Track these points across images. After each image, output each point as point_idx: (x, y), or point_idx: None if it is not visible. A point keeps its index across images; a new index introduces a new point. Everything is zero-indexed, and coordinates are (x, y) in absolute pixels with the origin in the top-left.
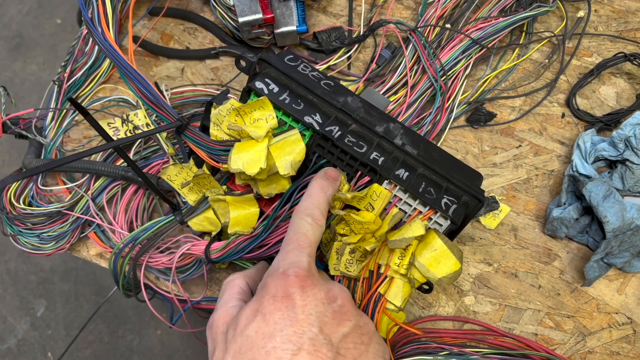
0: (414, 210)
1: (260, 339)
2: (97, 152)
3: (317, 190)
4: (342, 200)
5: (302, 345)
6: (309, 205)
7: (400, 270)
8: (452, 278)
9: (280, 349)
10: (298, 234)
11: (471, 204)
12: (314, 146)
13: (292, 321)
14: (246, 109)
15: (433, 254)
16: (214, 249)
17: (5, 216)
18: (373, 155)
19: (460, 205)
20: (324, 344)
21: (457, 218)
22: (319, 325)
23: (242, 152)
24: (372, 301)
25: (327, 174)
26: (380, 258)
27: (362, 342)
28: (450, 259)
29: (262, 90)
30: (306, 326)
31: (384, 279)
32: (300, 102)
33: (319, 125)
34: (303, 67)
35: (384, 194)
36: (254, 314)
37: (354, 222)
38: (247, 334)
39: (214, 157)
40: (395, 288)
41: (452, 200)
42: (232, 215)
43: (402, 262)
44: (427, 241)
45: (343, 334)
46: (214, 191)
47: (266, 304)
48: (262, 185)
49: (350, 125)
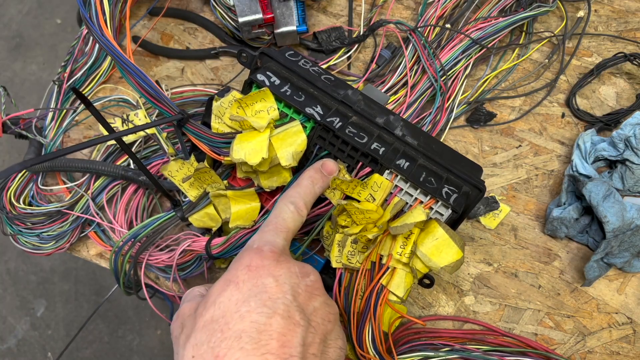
0: (415, 201)
1: (233, 304)
2: (100, 143)
3: (306, 181)
4: (342, 188)
5: (276, 310)
6: (295, 193)
7: (402, 259)
8: (454, 267)
9: (254, 312)
10: (278, 218)
11: (472, 193)
12: (315, 138)
13: (266, 287)
14: (248, 101)
15: (435, 242)
16: (215, 245)
17: (5, 216)
18: (374, 145)
19: (461, 194)
20: (297, 311)
21: (459, 207)
22: (293, 294)
23: (244, 142)
24: (375, 292)
25: (324, 166)
26: (382, 249)
27: (329, 320)
28: (452, 247)
29: (264, 82)
30: (280, 293)
31: (386, 270)
32: (302, 95)
33: (320, 116)
34: (304, 62)
35: (385, 184)
36: (226, 284)
37: (355, 211)
38: (219, 302)
39: (216, 150)
40: (398, 279)
41: (453, 190)
42: (233, 209)
43: (404, 251)
44: (429, 230)
45: (314, 307)
46: (214, 186)
47: (240, 273)
48: (264, 177)
49: (350, 117)
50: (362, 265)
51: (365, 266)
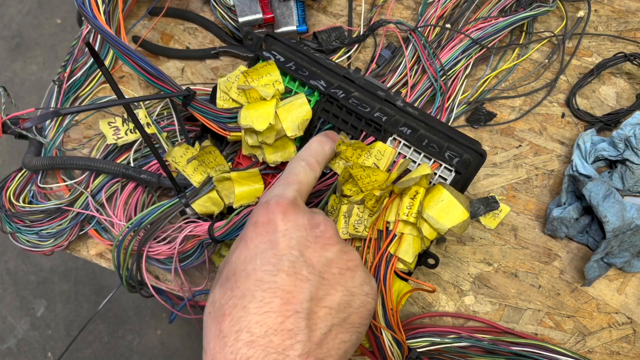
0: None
1: (241, 262)
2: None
3: (315, 143)
4: (347, 155)
5: (281, 267)
6: (306, 153)
7: (409, 219)
8: (462, 228)
9: (259, 270)
10: (289, 174)
11: (473, 160)
12: (319, 111)
13: (272, 244)
14: (254, 75)
15: (440, 204)
16: (217, 227)
17: (4, 214)
18: (377, 114)
19: (463, 159)
20: (304, 266)
21: (462, 168)
22: (299, 248)
23: (251, 110)
24: (384, 261)
25: (328, 134)
26: (389, 215)
27: (347, 267)
28: (458, 208)
29: (269, 58)
30: (286, 249)
31: (393, 237)
32: (305, 70)
33: (324, 88)
34: (306, 48)
35: (388, 151)
36: (238, 242)
37: (361, 175)
38: (231, 261)
39: (221, 126)
40: (406, 245)
41: (455, 154)
42: (237, 191)
43: (411, 211)
44: (434, 194)
45: (327, 258)
46: (219, 169)
47: (248, 231)
48: (269, 151)
49: (353, 91)
50: (369, 234)
51: (373, 235)
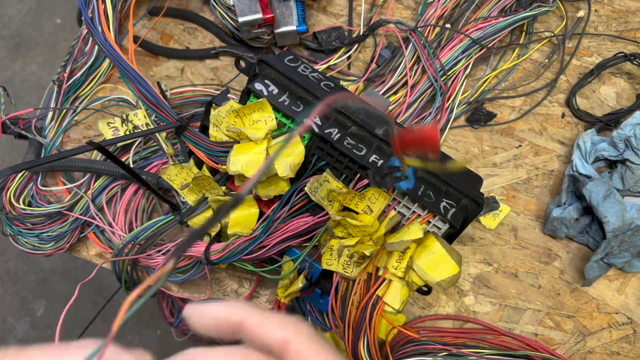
0: (413, 214)
1: None
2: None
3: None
4: (339, 200)
5: None
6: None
7: (398, 273)
8: (451, 282)
9: None
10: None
11: (470, 207)
12: (313, 148)
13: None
14: (245, 111)
15: (431, 257)
16: (214, 250)
17: (5, 216)
18: (372, 157)
19: (459, 208)
20: None
21: (456, 222)
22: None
23: (241, 154)
24: (371, 303)
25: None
26: (379, 261)
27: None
28: (449, 262)
29: (262, 92)
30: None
31: (382, 282)
32: (300, 104)
33: (318, 127)
34: (303, 68)
35: (382, 196)
36: None
37: (350, 226)
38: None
39: (214, 159)
40: (394, 291)
41: (451, 204)
42: (231, 215)
43: (400, 265)
44: (426, 244)
45: None
46: (213, 192)
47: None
48: (261, 187)
49: (349, 127)
50: (359, 276)
51: (362, 277)
